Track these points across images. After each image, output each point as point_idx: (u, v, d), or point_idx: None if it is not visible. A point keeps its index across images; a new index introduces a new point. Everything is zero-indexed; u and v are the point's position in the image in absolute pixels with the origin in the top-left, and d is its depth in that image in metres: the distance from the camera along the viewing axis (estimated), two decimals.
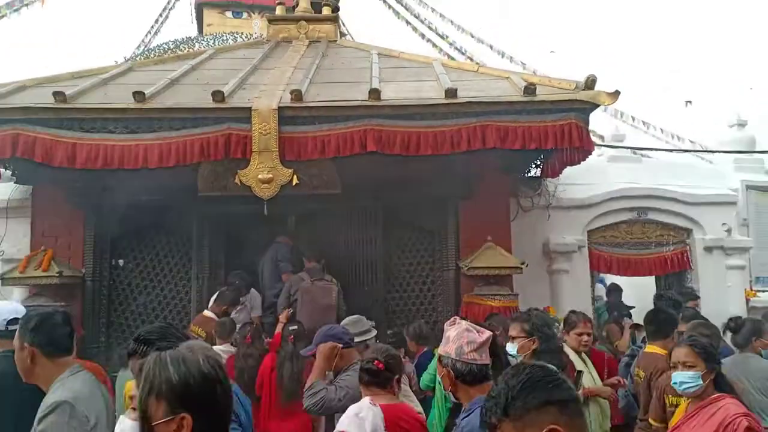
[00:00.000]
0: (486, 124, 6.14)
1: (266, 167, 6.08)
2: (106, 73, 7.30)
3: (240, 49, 9.27)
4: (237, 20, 25.15)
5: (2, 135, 5.91)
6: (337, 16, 9.97)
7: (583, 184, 8.92)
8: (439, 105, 6.23)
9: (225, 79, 6.98)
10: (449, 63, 8.64)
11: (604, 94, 6.15)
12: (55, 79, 6.98)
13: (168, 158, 5.99)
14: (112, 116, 6.05)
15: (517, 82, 6.59)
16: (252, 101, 6.26)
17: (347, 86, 6.92)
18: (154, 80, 6.81)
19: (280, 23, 9.59)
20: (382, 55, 8.37)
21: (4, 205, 7.96)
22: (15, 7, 18.66)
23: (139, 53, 23.79)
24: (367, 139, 6.11)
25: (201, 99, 6.31)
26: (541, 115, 6.14)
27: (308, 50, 8.75)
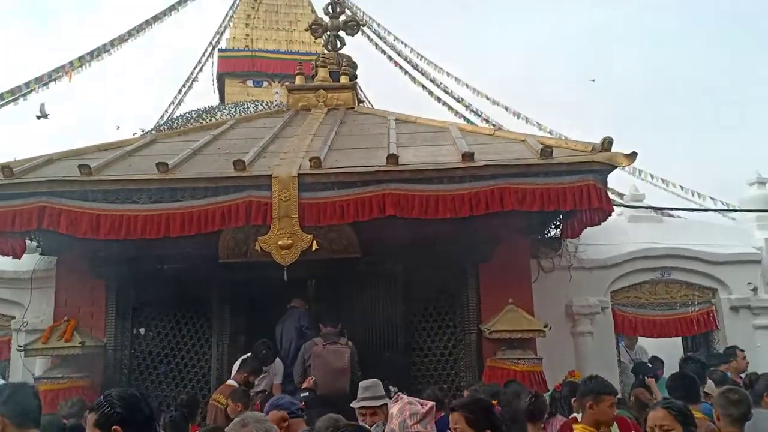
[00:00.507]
0: (504, 187, 6.18)
1: (286, 233, 6.14)
2: (131, 145, 7.50)
3: (260, 118, 9.50)
4: (258, 89, 25.87)
5: (29, 207, 6.05)
6: (355, 84, 10.22)
7: (604, 245, 8.85)
8: (457, 168, 6.29)
9: (246, 148, 7.13)
10: (465, 127, 8.76)
11: (621, 155, 6.18)
12: (81, 152, 7.17)
13: (190, 226, 6.08)
14: (135, 187, 6.18)
15: (534, 144, 6.65)
16: (272, 169, 6.37)
17: (365, 152, 7.03)
18: (177, 151, 6.98)
19: (300, 92, 9.83)
20: (399, 121, 8.52)
21: (29, 276, 8.06)
22: (43, 82, 19.37)
23: (162, 123, 24.48)
24: (386, 203, 6.17)
25: (222, 168, 6.44)
26: (559, 176, 6.17)
27: (327, 117, 8.94)
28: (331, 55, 10.42)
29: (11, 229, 6.27)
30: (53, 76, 19.70)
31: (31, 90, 19.08)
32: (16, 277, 8.13)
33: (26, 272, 8.08)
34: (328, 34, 10.67)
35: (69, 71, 20.21)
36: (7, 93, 18.81)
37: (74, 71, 20.47)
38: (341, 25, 10.72)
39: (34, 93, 19.21)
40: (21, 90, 18.97)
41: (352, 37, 10.87)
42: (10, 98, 18.70)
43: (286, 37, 26.55)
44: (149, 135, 9.02)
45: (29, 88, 19.07)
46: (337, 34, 10.68)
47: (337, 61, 10.27)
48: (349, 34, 10.78)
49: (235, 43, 26.66)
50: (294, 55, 24.29)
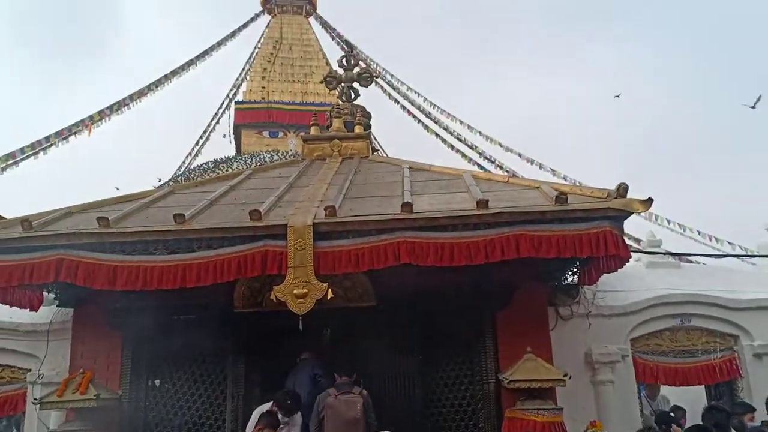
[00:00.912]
0: (519, 234, 6.16)
1: (301, 282, 6.13)
2: (148, 197, 7.59)
3: (276, 168, 9.60)
4: (273, 139, 26.25)
5: (47, 260, 6.12)
6: (369, 134, 10.33)
7: (622, 291, 8.75)
8: (471, 216, 6.29)
9: (262, 198, 7.20)
10: (479, 174, 8.78)
11: (636, 201, 6.16)
12: (99, 204, 7.27)
13: (206, 277, 6.10)
14: (152, 238, 6.24)
15: (548, 191, 6.65)
16: (287, 218, 6.40)
17: (380, 200, 7.06)
18: (194, 202, 7.05)
19: (315, 142, 9.96)
20: (413, 169, 8.58)
21: (46, 328, 8.09)
22: (63, 136, 19.77)
23: (180, 174, 24.82)
24: (401, 251, 6.15)
25: (239, 218, 6.49)
26: (575, 223, 6.14)
27: (342, 166, 9.02)
28: (345, 105, 10.58)
29: (29, 282, 6.32)
30: (73, 130, 20.12)
31: (51, 144, 19.48)
32: (33, 329, 8.16)
33: (43, 324, 8.11)
34: (343, 85, 10.86)
35: (89, 125, 20.64)
36: (28, 147, 19.20)
37: (94, 125, 20.91)
38: (355, 76, 10.92)
39: (54, 147, 19.60)
40: (41, 144, 19.38)
41: (365, 88, 11.06)
42: (30, 152, 19.08)
43: (301, 89, 27.04)
44: (167, 186, 9.13)
45: (49, 142, 19.47)
46: (351, 85, 10.87)
47: (351, 111, 10.43)
48: (363, 86, 10.97)
49: (252, 95, 27.19)
50: (309, 106, 24.72)
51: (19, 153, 19.11)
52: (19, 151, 19.11)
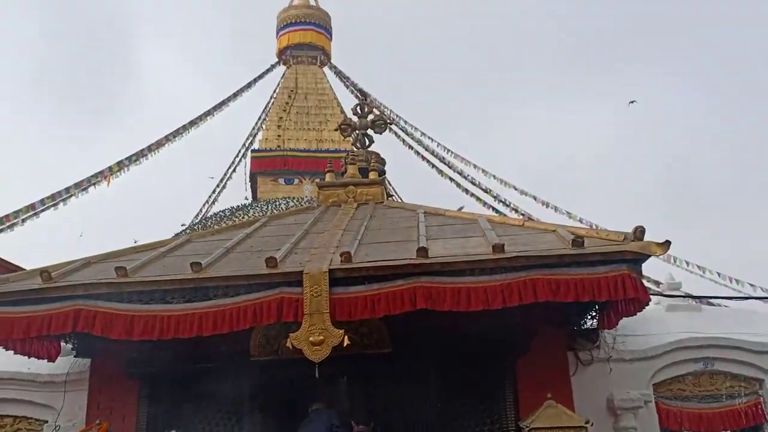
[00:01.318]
0: (536, 278, 6.12)
1: (317, 329, 6.09)
2: (166, 245, 7.65)
3: (292, 215, 9.66)
4: (289, 186, 26.47)
5: (65, 311, 6.16)
6: (384, 179, 10.41)
7: (642, 335, 8.62)
8: (487, 260, 6.27)
9: (278, 245, 7.23)
10: (494, 218, 8.78)
11: (654, 244, 6.12)
12: (117, 254, 7.34)
13: (222, 325, 6.09)
14: (169, 287, 6.26)
15: (565, 235, 6.63)
16: (303, 265, 6.41)
17: (396, 245, 7.06)
18: (210, 250, 7.09)
19: (330, 189, 10.03)
20: (428, 214, 8.59)
21: (63, 378, 8.08)
22: (83, 187, 20.08)
23: (197, 222, 25.02)
24: (417, 296, 6.13)
25: (255, 265, 6.51)
26: (592, 267, 6.10)
27: (357, 212, 9.06)
28: (360, 152, 10.69)
29: (47, 333, 6.36)
30: (92, 181, 20.44)
31: (70, 195, 19.78)
32: (50, 380, 8.16)
33: (60, 375, 8.11)
34: (357, 132, 10.99)
35: (108, 176, 20.97)
36: (48, 198, 19.50)
37: (113, 176, 21.24)
38: (369, 124, 11.05)
39: (74, 198, 19.89)
40: (61, 195, 19.68)
41: (379, 134, 11.17)
42: (50, 203, 19.37)
43: (316, 136, 27.36)
44: (184, 234, 9.20)
45: (69, 193, 19.76)
46: (365, 132, 10.99)
47: (365, 157, 10.52)
48: (377, 132, 11.09)
49: (268, 143, 27.53)
50: (324, 153, 24.95)
51: (39, 204, 19.40)
52: (39, 203, 19.41)
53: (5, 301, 6.39)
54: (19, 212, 18.98)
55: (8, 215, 18.79)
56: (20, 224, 19.10)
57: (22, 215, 19.10)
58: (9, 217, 18.80)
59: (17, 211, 18.97)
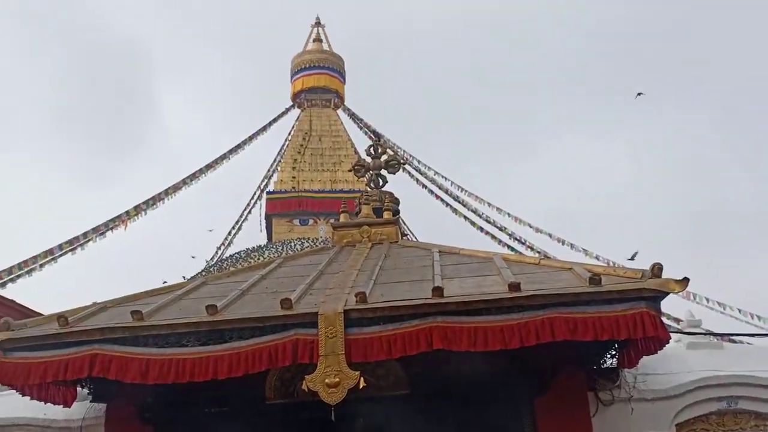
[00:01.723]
0: (554, 317, 6.06)
1: (333, 371, 6.04)
2: (181, 288, 7.67)
3: (307, 256, 9.67)
4: (304, 227, 26.63)
5: (81, 355, 6.17)
6: (398, 219, 10.42)
7: (664, 374, 8.45)
8: (504, 299, 6.22)
9: (293, 286, 7.23)
10: (510, 257, 8.73)
11: (672, 281, 6.06)
12: (133, 297, 7.37)
13: (237, 368, 6.07)
14: (185, 330, 6.26)
15: (581, 272, 6.58)
16: (318, 306, 6.39)
17: (411, 285, 7.03)
18: (226, 292, 7.10)
19: (345, 229, 10.06)
20: (443, 253, 8.57)
21: (79, 424, 8.03)
22: (100, 232, 20.31)
23: (212, 264, 25.13)
24: (434, 336, 6.07)
25: (270, 307, 6.50)
26: (610, 305, 6.04)
27: (371, 252, 9.06)
28: (373, 192, 10.73)
29: (64, 378, 6.36)
30: (110, 225, 20.69)
31: (88, 240, 20.00)
32: (66, 425, 8.10)
33: (76, 420, 8.05)
34: (371, 173, 11.05)
35: (125, 220, 21.22)
36: (66, 243, 19.73)
37: (130, 220, 21.49)
38: (383, 164, 11.11)
39: (91, 242, 20.10)
40: (79, 240, 19.91)
41: (393, 174, 11.23)
42: (68, 248, 19.57)
43: (330, 177, 27.60)
44: (200, 277, 9.24)
45: (87, 238, 19.99)
46: (379, 172, 11.05)
47: (379, 197, 10.56)
48: (391, 172, 11.15)
49: (283, 185, 27.81)
50: (338, 193, 25.15)
51: (57, 249, 19.62)
52: (57, 248, 19.63)
53: (22, 346, 6.40)
54: (37, 257, 19.21)
55: (26, 261, 19.03)
56: (38, 269, 19.30)
57: (41, 260, 19.32)
58: (27, 263, 19.03)
59: (35, 257, 19.20)
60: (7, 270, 18.53)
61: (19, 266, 18.77)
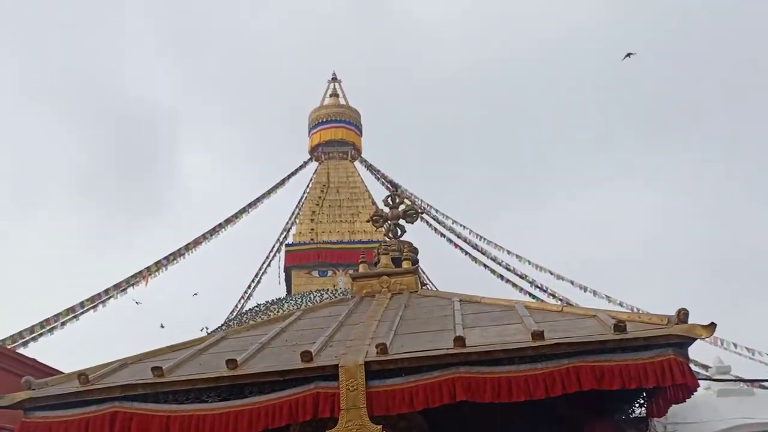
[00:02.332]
0: (579, 366, 5.94)
1: (355, 425, 5.95)
2: (201, 343, 7.65)
3: (326, 307, 9.62)
4: (323, 278, 26.59)
5: (102, 414, 6.14)
6: (417, 268, 10.37)
7: (694, 423, 8.24)
8: (527, 348, 6.11)
9: (312, 338, 7.17)
10: (532, 304, 8.62)
11: (699, 327, 5.93)
12: (154, 353, 7.35)
13: (257, 423, 5.99)
14: (205, 386, 6.22)
15: (605, 319, 6.47)
16: (339, 358, 6.33)
17: (432, 335, 6.95)
18: (246, 346, 7.06)
19: (364, 279, 10.02)
20: (463, 302, 8.48)
21: None
22: (122, 288, 20.43)
23: (232, 318, 25.09)
24: (456, 387, 5.97)
25: (290, 360, 6.44)
26: (637, 352, 5.91)
27: (391, 302, 8.99)
28: (392, 242, 10.72)
29: None
30: (131, 281, 20.82)
31: (109, 297, 20.11)
32: None
33: None
34: (389, 223, 11.07)
35: (146, 276, 21.35)
36: (87, 301, 19.84)
37: (151, 276, 21.62)
38: (401, 214, 11.13)
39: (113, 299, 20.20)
40: (101, 297, 20.02)
41: (411, 224, 11.23)
42: (90, 306, 19.68)
43: (348, 228, 27.69)
44: (219, 332, 9.21)
45: (108, 295, 20.11)
46: (397, 222, 11.06)
47: (398, 247, 10.54)
48: (409, 222, 11.15)
49: (301, 237, 27.92)
50: (357, 244, 25.16)
51: (78, 307, 19.73)
52: (78, 306, 19.74)
53: (44, 405, 6.39)
54: (59, 316, 19.31)
55: (48, 319, 19.13)
56: (60, 327, 19.38)
57: (62, 318, 19.41)
58: (49, 321, 19.12)
59: (57, 315, 19.29)
60: (29, 329, 18.63)
61: (41, 325, 18.86)
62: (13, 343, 17.91)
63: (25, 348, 17.94)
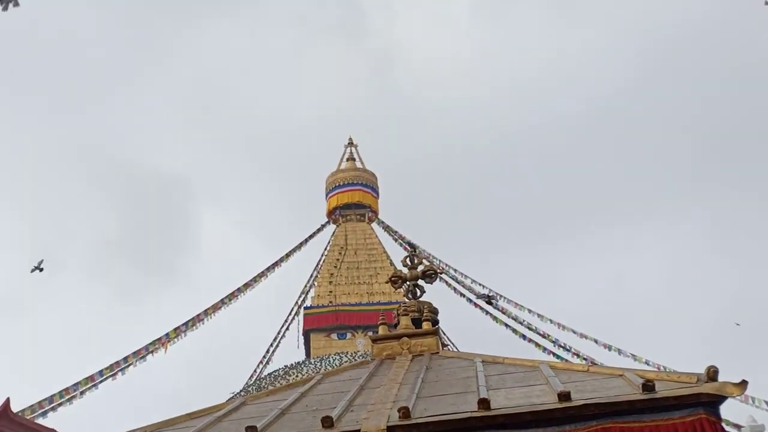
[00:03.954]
0: (609, 427, 5.77)
1: None
2: (221, 410, 7.54)
3: (346, 371, 9.49)
4: (342, 341, 26.37)
5: None
6: (438, 329, 10.25)
7: None
8: (554, 410, 5.96)
9: (333, 403, 7.05)
10: (557, 365, 8.44)
11: (730, 385, 5.76)
12: (173, 422, 7.26)
13: None
14: None
15: (633, 378, 6.31)
16: (360, 423, 6.20)
17: (455, 398, 6.81)
18: (265, 412, 6.95)
19: (384, 341, 9.91)
20: (486, 362, 8.33)
21: None
22: (141, 355, 20.35)
23: (251, 384, 24.81)
24: None
25: (311, 426, 6.32)
26: (667, 412, 5.74)
27: (412, 364, 8.86)
28: (411, 303, 10.63)
29: None
30: (150, 348, 20.75)
31: (129, 364, 20.02)
32: None
33: None
34: (408, 284, 11.00)
35: (165, 342, 21.29)
36: (107, 369, 19.74)
37: (170, 342, 21.55)
38: (420, 274, 11.07)
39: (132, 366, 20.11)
40: (120, 365, 19.93)
41: (430, 284, 11.16)
42: (109, 374, 19.58)
43: (367, 289, 27.59)
44: (239, 397, 9.08)
45: (127, 363, 20.02)
46: (416, 283, 11.00)
47: (418, 308, 10.45)
48: (428, 282, 11.08)
49: (320, 300, 27.83)
50: (375, 305, 25.02)
51: (98, 375, 19.62)
52: (98, 374, 19.64)
53: None
54: (78, 384, 19.20)
55: (68, 388, 19.01)
56: (79, 396, 19.25)
57: (81, 387, 19.29)
58: (68, 390, 19.00)
59: (76, 384, 19.19)
60: (48, 399, 18.51)
61: (60, 395, 18.74)
62: (33, 413, 17.77)
63: (44, 418, 17.79)
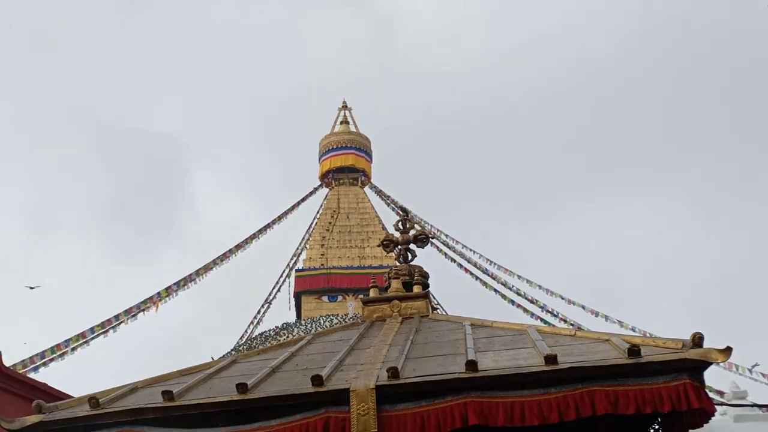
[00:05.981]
0: (594, 390, 5.88)
1: None
2: (212, 367, 7.61)
3: (337, 332, 9.57)
4: (333, 304, 26.58)
5: None
6: (428, 293, 10.32)
7: None
8: (541, 372, 6.06)
9: (323, 363, 7.14)
10: (544, 329, 8.54)
11: (715, 351, 5.86)
12: (164, 378, 7.32)
13: None
14: (214, 410, 6.18)
15: (619, 344, 6.41)
16: (349, 382, 6.29)
17: (443, 359, 6.90)
18: (256, 370, 7.02)
19: (374, 304, 9.98)
20: (474, 326, 8.42)
21: None
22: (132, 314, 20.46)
23: (242, 343, 25.04)
24: (469, 412, 5.92)
25: (301, 384, 6.41)
26: (652, 377, 5.85)
27: (402, 327, 8.94)
28: (402, 267, 10.69)
29: None
30: (141, 307, 20.86)
31: (120, 322, 20.14)
32: None
33: None
34: (400, 248, 11.05)
35: (156, 301, 21.40)
36: (98, 326, 19.87)
37: (161, 301, 21.66)
38: (411, 239, 11.11)
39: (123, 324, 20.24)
40: (111, 323, 20.06)
41: (422, 249, 11.21)
42: (101, 331, 19.70)
43: (359, 253, 27.71)
44: (230, 356, 9.17)
45: (119, 320, 20.14)
46: (407, 247, 11.04)
47: (409, 272, 10.51)
48: (419, 247, 11.13)
49: (311, 262, 27.95)
50: (367, 269, 25.20)
51: (89, 332, 19.76)
52: (89, 331, 19.77)
53: (54, 429, 6.38)
54: (69, 341, 19.33)
55: (59, 344, 19.16)
56: (70, 353, 19.40)
57: (72, 344, 19.43)
58: (60, 346, 19.14)
59: (68, 340, 19.32)
60: (40, 354, 18.65)
61: (52, 350, 18.88)
62: (24, 368, 17.91)
63: (35, 373, 17.94)
